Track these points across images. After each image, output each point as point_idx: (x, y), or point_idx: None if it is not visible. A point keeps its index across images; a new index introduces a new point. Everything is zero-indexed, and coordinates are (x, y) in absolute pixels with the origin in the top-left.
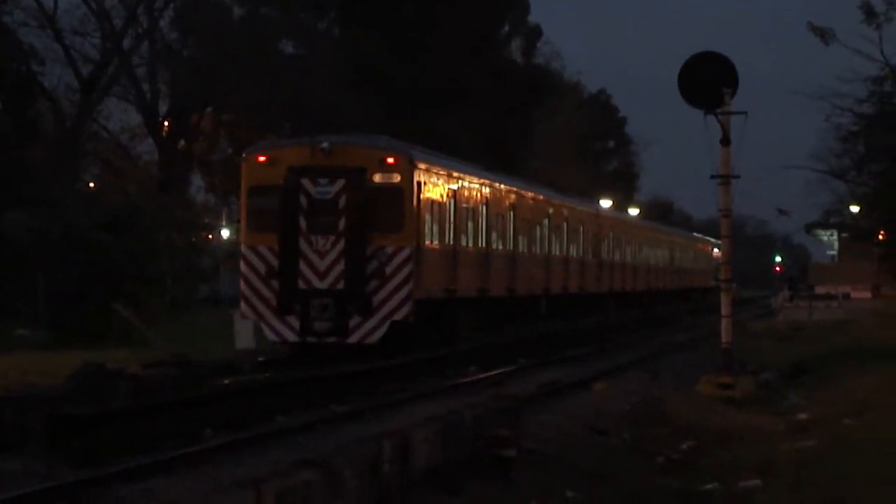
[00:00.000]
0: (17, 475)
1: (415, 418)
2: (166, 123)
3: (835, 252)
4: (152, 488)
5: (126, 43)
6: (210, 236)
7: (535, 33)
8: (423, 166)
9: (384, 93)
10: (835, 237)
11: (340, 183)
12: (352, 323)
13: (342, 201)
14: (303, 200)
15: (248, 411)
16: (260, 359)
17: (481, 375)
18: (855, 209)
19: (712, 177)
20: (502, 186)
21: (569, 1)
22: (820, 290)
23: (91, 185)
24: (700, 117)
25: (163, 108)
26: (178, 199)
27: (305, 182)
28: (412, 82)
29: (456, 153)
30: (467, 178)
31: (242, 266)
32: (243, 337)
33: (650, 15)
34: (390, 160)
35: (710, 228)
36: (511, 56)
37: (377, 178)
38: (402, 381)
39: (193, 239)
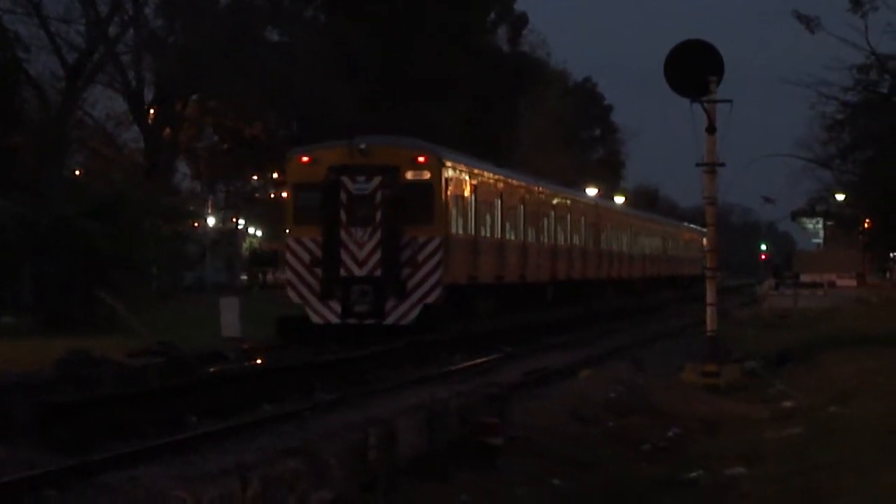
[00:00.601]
0: (3, 463)
1: (401, 406)
2: (152, 111)
3: (820, 240)
4: (138, 476)
5: (111, 30)
6: (196, 224)
7: (521, 21)
8: (449, 164)
9: (370, 80)
10: (820, 225)
11: (376, 180)
12: (388, 306)
13: (378, 196)
14: (343, 196)
15: (233, 399)
16: (245, 346)
17: (467, 363)
18: (840, 197)
19: (698, 164)
20: (514, 182)
21: None
22: (805, 278)
23: (76, 172)
24: (686, 105)
25: (148, 95)
26: (164, 187)
27: (345, 179)
28: (397, 70)
29: (442, 141)
30: (486, 174)
31: (288, 256)
32: (229, 325)
33: (636, 3)
34: (421, 159)
35: (696, 216)
36: (497, 44)
37: (409, 175)
38: (389, 369)
39: (179, 227)
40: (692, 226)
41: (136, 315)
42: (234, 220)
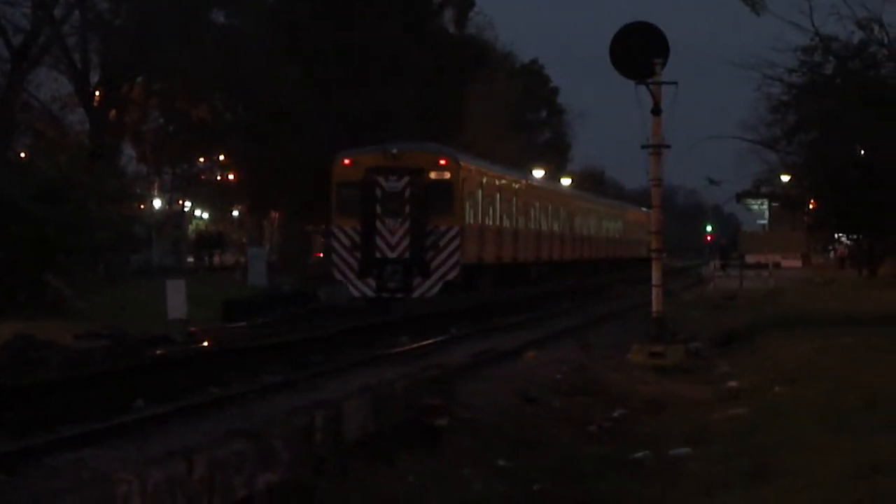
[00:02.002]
0: None
1: (347, 389)
2: (97, 93)
3: (765, 221)
4: (84, 458)
5: (57, 12)
6: (142, 206)
7: (467, 3)
8: (465, 166)
9: (316, 62)
10: (765, 206)
11: (405, 179)
12: (415, 283)
13: (407, 193)
14: (378, 192)
15: (180, 382)
16: (192, 329)
17: (413, 345)
18: (785, 178)
19: (643, 146)
20: (510, 178)
21: None
22: (750, 259)
23: (22, 155)
24: (632, 87)
25: (94, 77)
26: (110, 170)
27: (379, 179)
28: (345, 52)
29: (389, 123)
30: (490, 173)
31: (333, 241)
32: (175, 307)
33: None
34: (443, 162)
35: (642, 198)
36: (444, 26)
37: (433, 175)
38: (335, 351)
39: (125, 210)
40: (643, 209)
41: (82, 298)
42: (181, 202)
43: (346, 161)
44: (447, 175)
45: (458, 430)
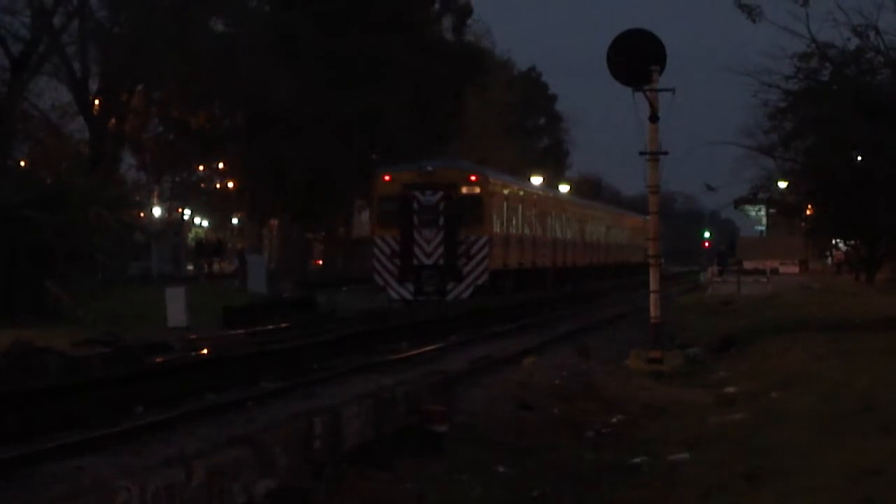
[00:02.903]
0: None
1: (346, 394)
2: (97, 102)
3: (763, 227)
4: (83, 466)
5: (56, 21)
6: (141, 214)
7: (466, 11)
8: (492, 181)
9: (315, 70)
10: (763, 212)
11: (440, 194)
12: (449, 287)
13: (441, 206)
14: (415, 205)
15: (179, 389)
16: (191, 336)
17: (413, 352)
18: (783, 185)
19: (641, 153)
20: (531, 190)
21: None
22: (748, 265)
23: (22, 163)
24: (629, 94)
25: (93, 86)
26: (109, 177)
27: (416, 193)
28: (343, 60)
29: (386, 129)
30: (514, 187)
31: (375, 250)
32: (175, 315)
33: None
34: (473, 178)
35: (639, 204)
36: (441, 34)
37: (464, 190)
38: (335, 357)
39: (125, 217)
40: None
41: (81, 305)
42: (180, 210)
43: (387, 177)
44: (477, 190)
45: (457, 436)
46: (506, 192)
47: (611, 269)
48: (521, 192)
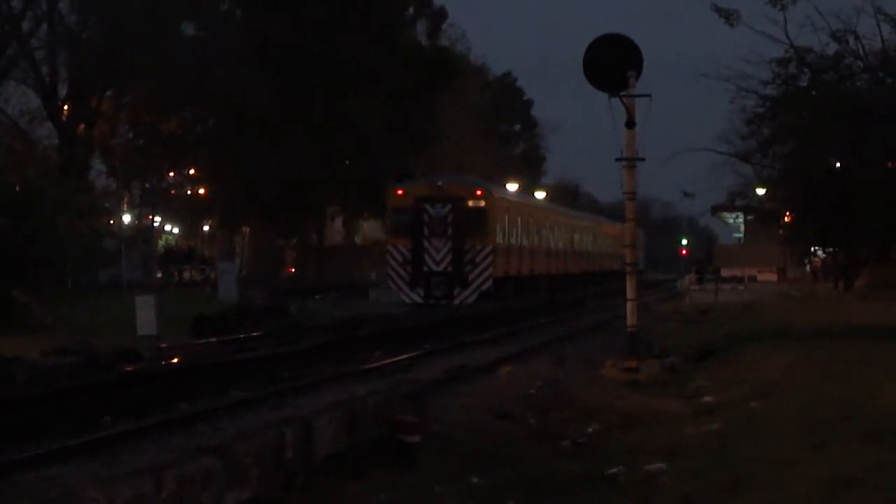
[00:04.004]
0: None
1: (318, 404)
2: (66, 107)
3: (741, 234)
4: (52, 476)
5: (25, 26)
6: (111, 221)
7: (440, 16)
8: (496, 195)
9: (287, 75)
10: (741, 220)
11: (448, 206)
12: (456, 292)
13: (449, 218)
14: (425, 217)
15: (149, 398)
16: (161, 345)
17: (386, 361)
18: (760, 191)
19: (617, 159)
20: (529, 203)
21: None
22: (726, 272)
23: None
24: (605, 99)
25: (62, 91)
26: (79, 184)
27: (427, 206)
28: (316, 64)
29: (360, 135)
30: (513, 199)
31: (388, 257)
32: (145, 323)
33: None
34: (478, 192)
35: (616, 211)
36: (416, 38)
37: (470, 203)
38: (307, 366)
39: (94, 224)
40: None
41: (50, 313)
42: (150, 217)
43: (400, 191)
44: (482, 203)
45: (430, 446)
46: (507, 205)
47: (598, 276)
48: (521, 206)
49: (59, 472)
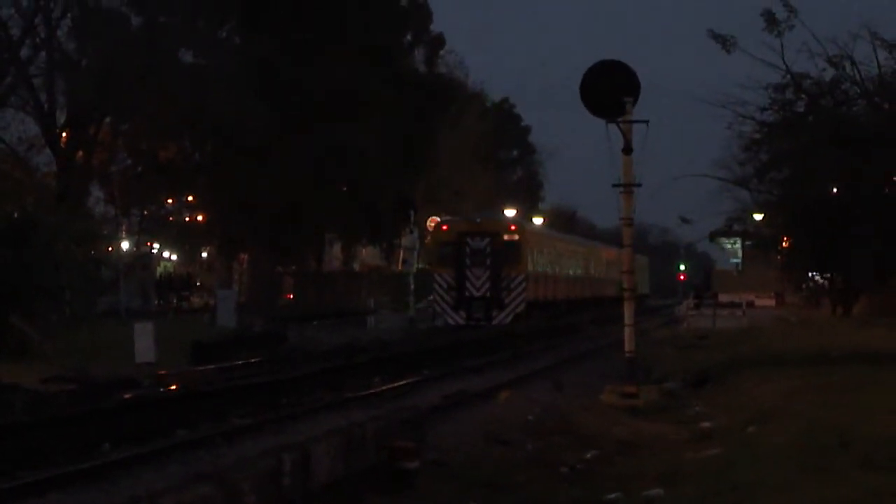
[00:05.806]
0: None
1: (316, 431)
2: (64, 134)
3: (739, 260)
4: (50, 503)
5: (23, 53)
6: (109, 248)
7: (438, 42)
8: (528, 230)
9: (285, 101)
10: (738, 245)
11: (487, 240)
12: (494, 314)
13: (488, 250)
14: (467, 249)
15: (147, 425)
16: (160, 372)
17: (385, 387)
18: (758, 217)
19: (614, 185)
20: (554, 236)
21: (471, 10)
22: (724, 298)
23: None
24: (603, 126)
25: (61, 118)
26: (77, 211)
27: (468, 239)
28: (314, 91)
29: (357, 161)
30: (542, 233)
31: (435, 284)
32: (143, 350)
33: (554, 24)
34: (512, 227)
35: (614, 237)
36: (414, 65)
37: (506, 237)
38: (305, 393)
39: (92, 251)
40: (639, 255)
41: (48, 341)
42: (149, 244)
43: (444, 227)
44: (516, 237)
45: (429, 472)
46: (537, 238)
47: (609, 301)
48: (547, 238)
49: (58, 499)
